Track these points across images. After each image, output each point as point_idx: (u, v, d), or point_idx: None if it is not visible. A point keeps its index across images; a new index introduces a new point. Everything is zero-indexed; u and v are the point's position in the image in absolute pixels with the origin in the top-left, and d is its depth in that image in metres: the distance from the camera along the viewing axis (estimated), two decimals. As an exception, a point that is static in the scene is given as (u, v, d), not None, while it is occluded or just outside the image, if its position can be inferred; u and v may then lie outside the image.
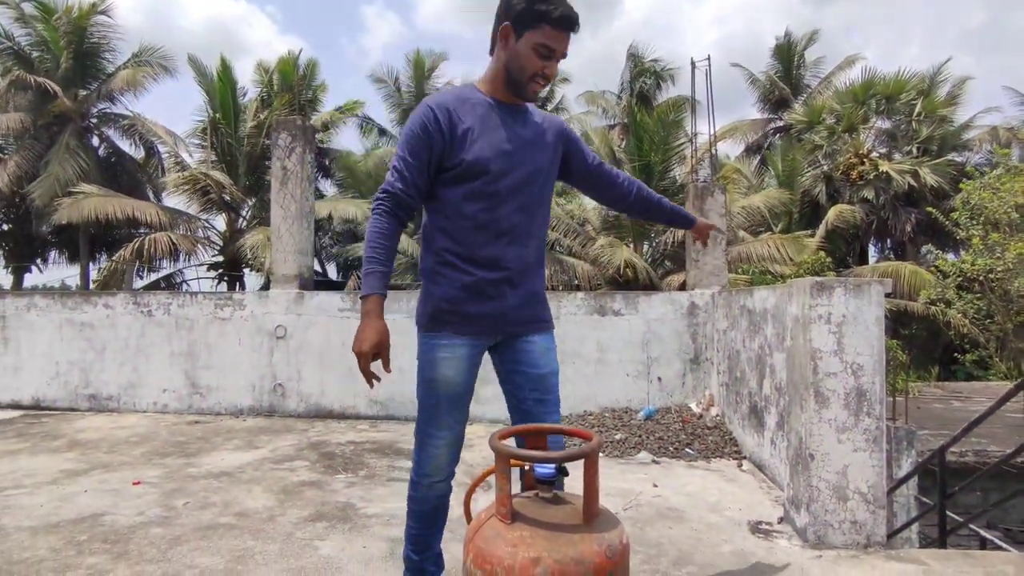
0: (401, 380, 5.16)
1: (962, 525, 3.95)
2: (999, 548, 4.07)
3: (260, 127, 15.00)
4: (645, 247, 12.84)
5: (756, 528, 2.79)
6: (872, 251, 17.06)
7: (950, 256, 11.87)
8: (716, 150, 13.07)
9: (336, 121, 18.84)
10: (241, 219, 15.66)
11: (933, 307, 10.49)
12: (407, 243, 13.68)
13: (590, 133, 14.17)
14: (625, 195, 1.92)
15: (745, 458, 3.96)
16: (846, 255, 15.68)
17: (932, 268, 10.92)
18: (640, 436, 4.18)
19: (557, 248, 13.18)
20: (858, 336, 2.46)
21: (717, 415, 4.57)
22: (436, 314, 1.64)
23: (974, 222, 9.21)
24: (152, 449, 4.11)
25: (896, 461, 4.93)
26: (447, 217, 1.61)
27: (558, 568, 1.13)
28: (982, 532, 4.45)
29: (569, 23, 1.51)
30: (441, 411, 1.66)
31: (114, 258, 14.28)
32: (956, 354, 10.87)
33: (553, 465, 1.30)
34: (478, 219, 1.58)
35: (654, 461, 3.88)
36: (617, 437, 4.14)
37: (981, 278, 8.99)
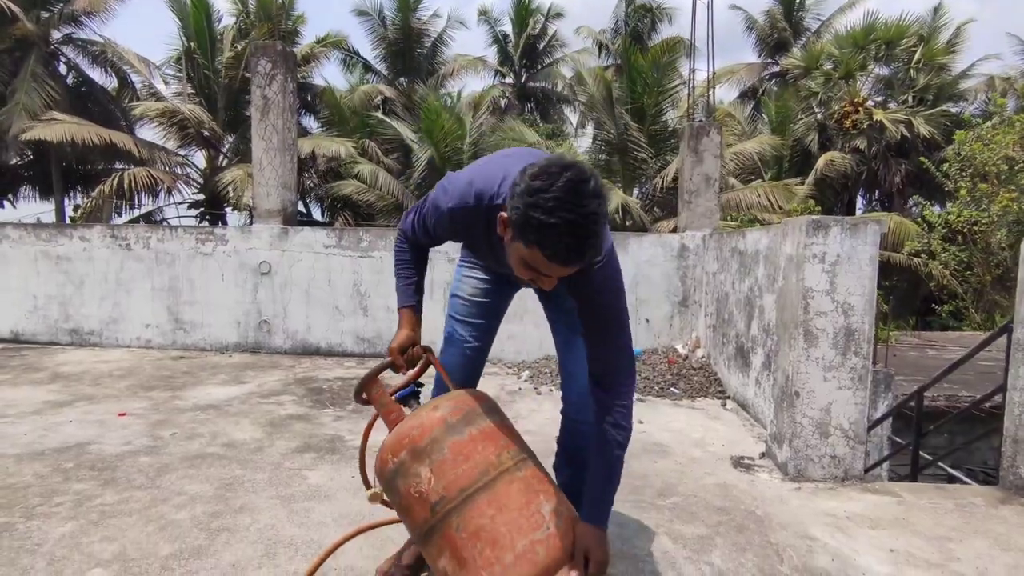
0: (388, 319, 5.18)
1: (932, 463, 4.11)
2: (965, 484, 4.26)
3: (238, 58, 14.28)
4: (636, 192, 12.71)
5: (738, 462, 2.86)
6: (860, 202, 17.09)
7: (936, 208, 11.94)
8: (715, 92, 12.76)
9: (318, 55, 18.00)
10: (222, 156, 15.16)
11: (915, 259, 10.60)
12: (393, 184, 13.40)
13: (584, 74, 13.71)
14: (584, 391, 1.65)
15: (729, 398, 4.04)
16: (834, 205, 15.68)
17: (919, 220, 10.97)
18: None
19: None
20: (851, 276, 2.46)
21: (703, 356, 4.63)
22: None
23: (963, 173, 9.20)
24: (137, 383, 4.08)
25: (873, 403, 5.07)
26: None
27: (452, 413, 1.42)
28: (950, 470, 4.64)
29: (565, 263, 1.16)
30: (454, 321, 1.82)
31: (93, 194, 13.81)
32: (934, 305, 11.07)
33: (408, 388, 1.61)
34: None
35: (639, 399, 3.94)
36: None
37: (965, 230, 9.06)
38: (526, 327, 4.71)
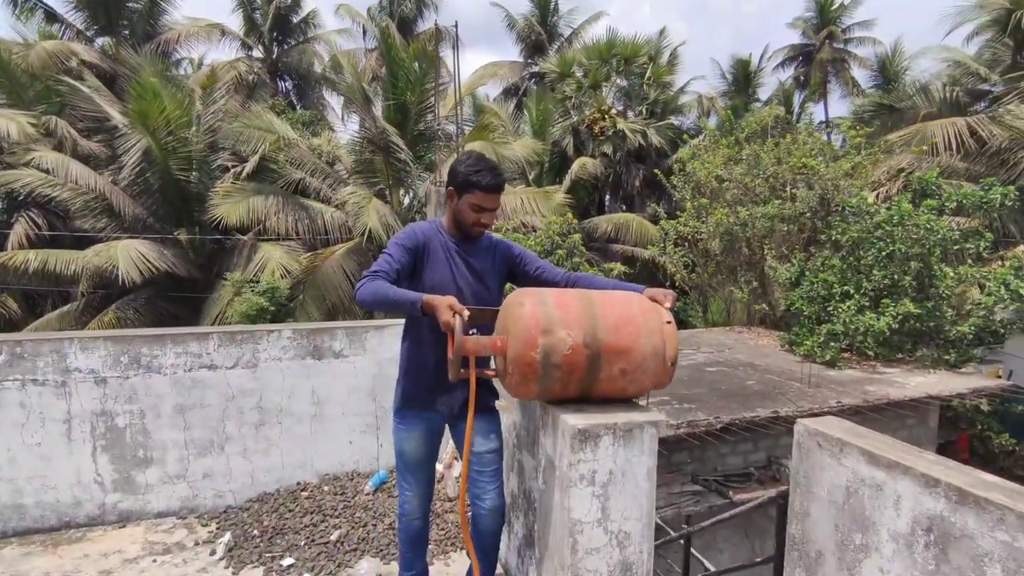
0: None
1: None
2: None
3: None
4: (404, 194, 12.01)
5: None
6: (607, 202, 18.93)
7: (664, 207, 13.65)
8: (461, 111, 12.42)
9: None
10: None
11: (654, 253, 11.93)
12: (95, 179, 10.54)
13: (339, 57, 12.41)
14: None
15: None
16: (588, 206, 17.05)
17: (657, 224, 12.29)
18: (366, 524, 3.23)
19: (304, 192, 11.54)
20: (627, 496, 1.89)
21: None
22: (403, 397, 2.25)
23: (686, 185, 10.48)
24: None
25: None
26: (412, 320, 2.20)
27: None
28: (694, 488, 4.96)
29: (495, 188, 2.10)
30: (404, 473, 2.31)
31: None
32: (668, 288, 12.57)
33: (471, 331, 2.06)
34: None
35: (378, 576, 2.98)
36: (333, 537, 3.10)
37: (690, 237, 10.30)
38: (231, 460, 3.49)
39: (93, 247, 9.60)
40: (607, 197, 18.75)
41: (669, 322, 1.88)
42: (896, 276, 6.33)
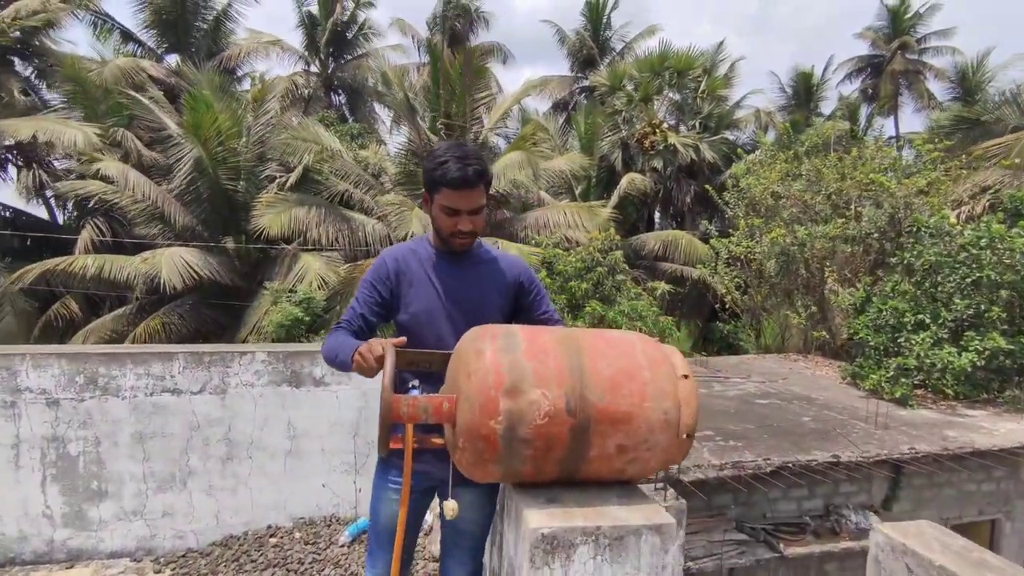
0: None
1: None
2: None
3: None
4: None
5: None
6: (656, 218, 18.32)
7: (716, 224, 13.02)
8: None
9: (59, 13, 14.25)
10: None
11: (705, 273, 11.31)
12: (149, 187, 10.89)
13: (390, 75, 12.49)
14: None
15: None
16: (636, 222, 16.53)
17: (708, 242, 11.70)
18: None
19: (348, 204, 11.59)
20: None
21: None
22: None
23: (740, 202, 9.90)
24: None
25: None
26: None
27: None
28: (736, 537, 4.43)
29: (464, 183, 1.61)
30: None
31: None
32: (718, 310, 11.90)
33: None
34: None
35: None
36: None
37: (743, 257, 9.70)
38: (193, 496, 3.16)
39: (142, 254, 9.87)
40: (656, 213, 18.17)
41: (686, 376, 1.38)
42: (983, 306, 5.61)
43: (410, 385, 1.53)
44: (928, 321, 5.82)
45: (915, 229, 6.79)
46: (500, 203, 11.82)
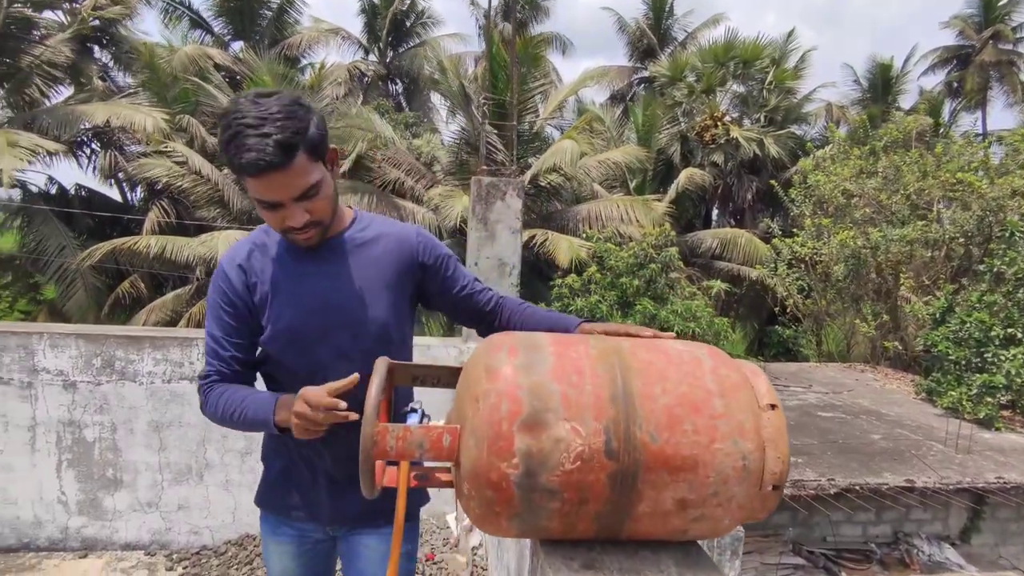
0: None
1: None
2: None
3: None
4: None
5: None
6: (714, 215, 17.63)
7: (777, 221, 12.35)
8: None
9: (134, 2, 14.89)
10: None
11: (764, 273, 10.76)
12: (211, 171, 11.25)
13: (444, 61, 12.44)
14: (490, 325, 1.44)
15: None
16: (693, 218, 15.95)
17: (769, 242, 11.14)
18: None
19: (400, 192, 11.63)
20: None
21: (480, 548, 3.10)
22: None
23: (807, 200, 9.32)
24: None
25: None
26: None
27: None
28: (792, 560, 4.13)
29: (265, 166, 1.07)
30: None
31: None
32: (777, 313, 11.34)
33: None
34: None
35: None
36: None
37: (807, 258, 9.15)
38: (210, 491, 3.03)
39: (200, 236, 10.19)
40: (714, 210, 17.48)
41: (773, 406, 1.00)
42: (1085, 321, 5.03)
43: (409, 408, 1.14)
44: (1020, 336, 5.27)
45: (1008, 234, 6.17)
46: (551, 194, 11.59)
